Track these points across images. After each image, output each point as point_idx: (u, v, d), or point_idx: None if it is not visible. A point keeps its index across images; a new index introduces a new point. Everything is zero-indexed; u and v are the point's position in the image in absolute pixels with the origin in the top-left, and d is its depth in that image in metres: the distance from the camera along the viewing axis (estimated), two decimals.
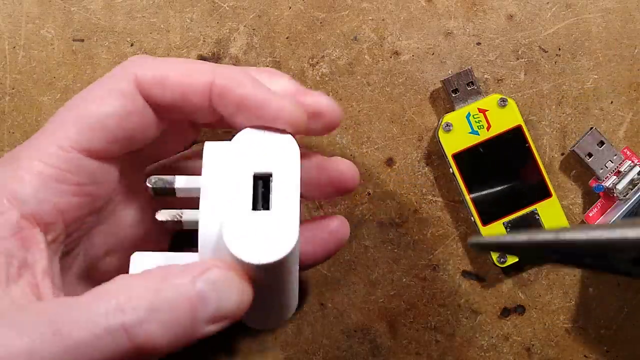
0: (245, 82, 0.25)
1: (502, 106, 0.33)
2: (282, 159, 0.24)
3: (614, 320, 0.35)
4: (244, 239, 0.23)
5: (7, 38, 0.34)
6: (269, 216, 0.23)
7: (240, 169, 0.24)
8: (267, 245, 0.23)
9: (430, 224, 0.35)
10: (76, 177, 0.24)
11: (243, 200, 0.24)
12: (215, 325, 0.23)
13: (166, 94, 0.25)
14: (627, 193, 0.33)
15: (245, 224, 0.23)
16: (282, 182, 0.24)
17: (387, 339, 0.35)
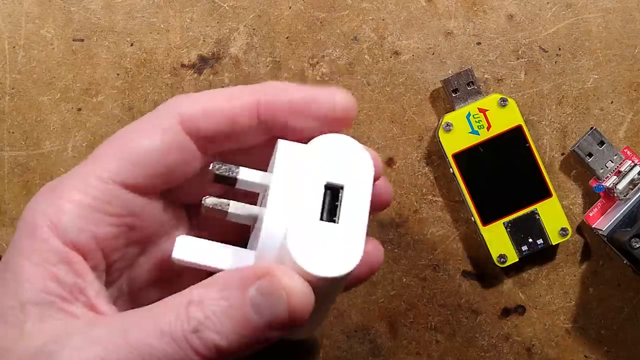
0: (288, 88, 0.25)
1: (502, 106, 0.33)
2: (356, 172, 0.24)
3: (614, 320, 0.35)
4: (308, 249, 0.22)
5: (7, 38, 0.34)
6: (336, 229, 0.23)
7: (312, 175, 0.24)
8: (332, 258, 0.22)
9: (430, 224, 0.35)
10: (114, 208, 0.25)
11: (311, 209, 0.23)
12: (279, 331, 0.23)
13: (212, 122, 0.25)
14: (627, 193, 0.33)
15: (311, 233, 0.23)
16: (352, 195, 0.23)
17: (387, 339, 0.35)
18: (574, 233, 0.35)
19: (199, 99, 0.26)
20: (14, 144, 0.34)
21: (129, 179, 0.25)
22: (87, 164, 0.25)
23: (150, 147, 0.25)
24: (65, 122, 0.34)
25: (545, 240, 0.34)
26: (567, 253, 0.35)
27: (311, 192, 0.23)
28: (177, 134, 0.25)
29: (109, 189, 0.25)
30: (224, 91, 0.26)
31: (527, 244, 0.34)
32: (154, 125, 0.25)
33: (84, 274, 0.24)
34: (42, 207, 0.24)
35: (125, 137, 0.25)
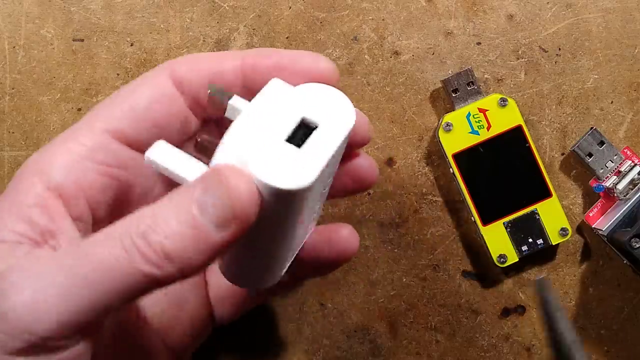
0: (271, 52, 0.26)
1: (502, 106, 0.33)
2: (334, 117, 0.24)
3: (614, 320, 0.35)
4: (264, 159, 0.22)
5: (7, 38, 0.34)
6: (297, 152, 0.23)
7: (291, 109, 0.24)
8: (284, 173, 0.22)
9: (430, 224, 0.35)
10: (102, 156, 0.25)
11: (279, 132, 0.23)
12: (226, 230, 0.22)
13: (199, 77, 0.26)
14: (627, 193, 0.33)
15: (271, 148, 0.23)
16: (324, 135, 0.24)
17: (387, 339, 0.35)
18: (574, 233, 0.35)
19: (189, 59, 0.27)
20: (14, 144, 0.34)
21: (118, 127, 0.25)
22: (83, 119, 0.26)
23: (138, 97, 0.26)
24: (65, 122, 0.34)
25: (545, 240, 0.34)
26: (567, 253, 0.35)
27: (284, 120, 0.24)
28: (165, 86, 0.26)
29: (99, 139, 0.25)
30: (213, 53, 0.27)
31: (527, 244, 0.34)
32: (145, 80, 0.26)
33: (58, 218, 0.24)
34: (36, 156, 0.25)
35: (120, 92, 0.26)
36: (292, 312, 0.35)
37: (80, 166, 0.25)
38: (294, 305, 0.35)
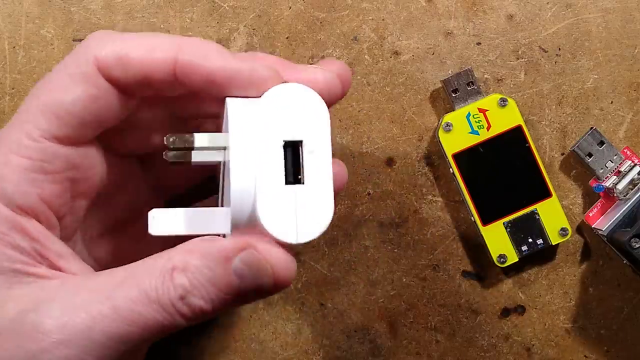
0: (210, 54, 0.25)
1: (502, 106, 0.33)
2: (311, 122, 0.23)
3: (614, 320, 0.35)
4: (279, 217, 0.23)
5: (7, 38, 0.34)
6: (303, 190, 0.23)
7: (269, 133, 0.23)
8: (303, 223, 0.23)
9: (430, 224, 0.35)
10: (52, 165, 0.25)
11: (275, 171, 0.23)
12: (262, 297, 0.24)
13: (128, 73, 0.25)
14: (627, 193, 0.33)
15: (279, 199, 0.23)
16: (313, 149, 0.23)
17: (387, 339, 0.35)
18: (574, 233, 0.35)
19: (117, 44, 0.25)
20: None
21: (59, 132, 0.25)
22: (14, 124, 0.25)
23: (74, 99, 0.25)
24: None
25: (545, 240, 0.34)
26: (567, 253, 0.35)
27: (271, 152, 0.23)
28: (97, 81, 0.25)
29: (42, 146, 0.24)
30: (144, 39, 0.25)
31: (527, 244, 0.34)
32: (74, 74, 0.25)
33: (40, 237, 0.24)
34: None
35: (47, 90, 0.25)
36: (292, 312, 0.35)
37: (35, 180, 0.24)
38: (294, 305, 0.35)
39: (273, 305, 0.35)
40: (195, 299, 0.23)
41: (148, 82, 0.25)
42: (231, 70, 0.24)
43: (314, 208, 0.23)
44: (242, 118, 0.24)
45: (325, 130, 0.24)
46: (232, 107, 0.24)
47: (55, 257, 0.25)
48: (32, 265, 0.24)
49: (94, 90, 0.25)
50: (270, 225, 0.23)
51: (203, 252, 0.23)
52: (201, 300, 0.23)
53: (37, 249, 0.24)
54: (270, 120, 0.23)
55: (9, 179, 0.24)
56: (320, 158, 0.23)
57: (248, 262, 0.23)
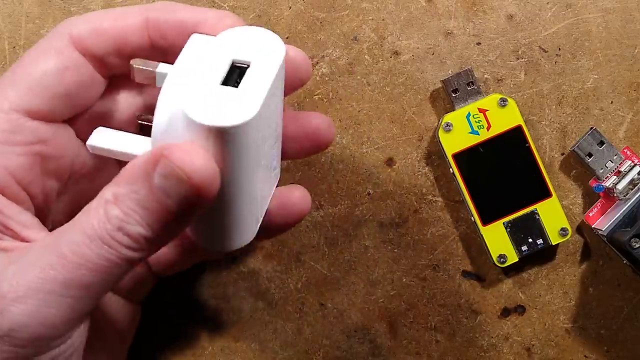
0: (177, 7, 0.26)
1: (502, 106, 0.33)
2: (265, 53, 0.24)
3: (614, 320, 0.35)
4: (203, 104, 0.22)
5: (7, 38, 0.34)
6: (235, 91, 0.23)
7: (219, 55, 0.23)
8: (227, 111, 0.22)
9: (430, 224, 0.35)
10: (20, 136, 0.25)
11: (212, 77, 0.23)
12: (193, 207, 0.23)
13: (103, 41, 0.25)
14: (627, 193, 0.33)
15: (208, 93, 0.22)
16: (259, 71, 0.23)
17: (387, 339, 0.35)
18: (574, 233, 0.35)
19: (89, 18, 0.26)
20: None
21: (30, 105, 0.25)
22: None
23: (45, 69, 0.25)
24: None
25: (545, 240, 0.34)
26: (567, 253, 0.35)
27: (215, 66, 0.23)
28: (70, 54, 0.25)
29: (11, 118, 0.25)
30: (114, 10, 0.26)
31: (527, 244, 0.34)
32: (46, 48, 0.25)
33: (3, 208, 0.24)
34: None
35: (20, 65, 0.25)
36: (292, 312, 0.35)
37: (1, 152, 0.25)
38: (294, 305, 0.35)
39: (273, 305, 0.35)
40: (132, 227, 0.22)
41: (123, 47, 0.25)
42: (200, 16, 0.25)
43: (241, 102, 0.22)
44: (197, 46, 0.24)
45: (277, 58, 0.24)
46: (192, 38, 0.25)
47: (20, 227, 0.25)
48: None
49: (66, 61, 0.25)
50: (191, 109, 0.21)
51: (128, 176, 0.23)
52: (138, 226, 0.22)
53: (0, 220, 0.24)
54: (224, 46, 0.24)
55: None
56: (263, 76, 0.23)
57: (164, 172, 0.22)
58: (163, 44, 0.26)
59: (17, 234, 0.25)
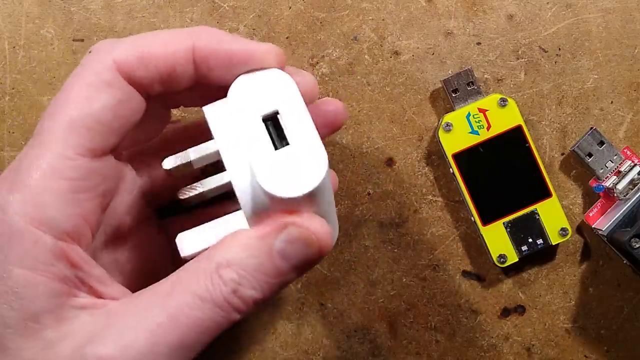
0: (225, 37, 0.25)
1: (502, 106, 0.33)
2: (281, 93, 0.24)
3: (614, 320, 0.35)
4: (276, 177, 0.23)
5: (7, 38, 0.34)
6: (292, 149, 0.23)
7: (247, 117, 0.24)
8: (301, 175, 0.23)
9: (430, 224, 0.35)
10: (89, 181, 0.24)
11: (263, 145, 0.24)
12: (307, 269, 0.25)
13: (150, 70, 0.25)
14: (627, 193, 0.33)
15: (273, 163, 0.23)
16: (290, 114, 0.24)
17: (387, 339, 0.35)
18: (574, 233, 0.35)
19: (133, 44, 0.25)
20: (14, 144, 0.34)
21: (93, 145, 0.24)
22: (41, 147, 0.24)
23: (101, 106, 0.24)
24: None
25: (545, 240, 0.34)
26: (567, 253, 0.35)
27: (254, 132, 0.24)
28: (121, 85, 0.24)
29: (77, 164, 0.24)
30: (159, 36, 0.25)
31: (527, 244, 0.34)
32: (95, 82, 0.24)
33: (81, 263, 0.24)
34: (16, 207, 0.23)
35: (71, 105, 0.24)
36: (292, 312, 0.35)
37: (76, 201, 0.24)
38: (294, 305, 0.35)
39: (273, 305, 0.35)
40: (247, 290, 0.23)
41: (169, 75, 0.25)
42: (248, 50, 0.25)
43: (308, 160, 0.23)
44: (220, 118, 0.25)
45: (295, 93, 0.24)
46: (209, 112, 0.25)
47: (96, 283, 0.24)
48: (75, 295, 0.23)
49: (119, 94, 0.24)
50: (274, 187, 0.23)
51: (242, 244, 0.23)
52: (252, 290, 0.23)
53: (79, 276, 0.24)
54: (243, 105, 0.24)
55: (51, 204, 0.23)
56: (299, 118, 0.24)
57: (290, 240, 0.23)
58: (206, 74, 0.25)
59: (94, 289, 0.24)
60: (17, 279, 0.22)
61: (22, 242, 0.23)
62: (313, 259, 0.24)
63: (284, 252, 0.23)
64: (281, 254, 0.23)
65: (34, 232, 0.23)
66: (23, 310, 0.22)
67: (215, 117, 0.25)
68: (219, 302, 0.23)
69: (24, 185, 0.23)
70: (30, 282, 0.22)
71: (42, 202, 0.23)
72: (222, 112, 0.25)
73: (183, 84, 0.26)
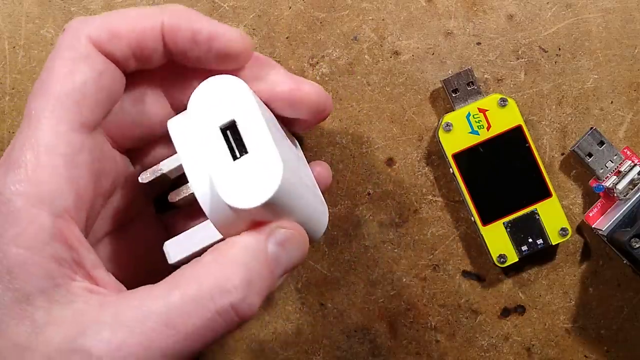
0: (194, 17, 0.26)
1: (502, 106, 0.33)
2: (237, 101, 0.25)
3: (614, 320, 0.35)
4: (235, 188, 0.23)
5: (7, 38, 0.34)
6: (250, 158, 0.24)
7: (205, 128, 0.24)
8: (257, 184, 0.23)
9: (430, 224, 0.35)
10: (81, 156, 0.24)
11: (222, 156, 0.24)
12: (285, 276, 0.25)
13: (122, 46, 0.25)
14: (627, 193, 0.33)
15: (232, 174, 0.23)
16: (247, 122, 0.24)
17: (387, 339, 0.35)
18: (574, 233, 0.35)
19: (105, 20, 0.25)
20: None
21: (82, 118, 0.24)
22: (32, 122, 0.24)
23: (84, 79, 0.24)
24: None
25: (545, 240, 0.34)
26: (567, 253, 0.35)
27: (213, 143, 0.24)
28: (98, 58, 0.25)
29: (69, 139, 0.24)
30: (129, 12, 0.26)
31: (527, 244, 0.34)
32: (74, 57, 0.24)
33: (77, 244, 0.23)
34: (12, 187, 0.23)
35: (55, 82, 0.24)
36: (292, 312, 0.35)
37: (72, 178, 0.23)
38: (294, 305, 0.35)
39: (273, 305, 0.35)
40: (252, 298, 0.23)
41: (140, 51, 0.25)
42: (214, 30, 0.26)
43: (264, 166, 0.24)
44: (181, 130, 0.26)
45: (251, 101, 0.25)
46: (171, 126, 0.26)
47: (91, 266, 0.24)
48: (71, 278, 0.23)
49: (98, 66, 0.25)
50: (232, 199, 0.23)
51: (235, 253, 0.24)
52: (257, 296, 0.23)
53: (74, 258, 0.23)
54: (201, 117, 0.25)
55: (47, 181, 0.23)
56: (255, 126, 0.24)
57: (280, 241, 0.24)
58: (174, 50, 0.26)
59: (88, 273, 0.24)
60: (12, 259, 0.22)
61: (18, 222, 0.22)
62: (301, 261, 0.25)
63: (277, 257, 0.24)
64: (275, 259, 0.24)
65: (31, 211, 0.22)
66: (17, 290, 0.22)
67: (177, 130, 0.26)
68: (222, 310, 0.22)
69: (18, 164, 0.23)
70: (26, 262, 0.22)
71: (38, 180, 0.23)
72: (183, 124, 0.26)
73: (156, 60, 0.26)
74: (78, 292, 0.23)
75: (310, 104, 0.28)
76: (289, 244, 0.24)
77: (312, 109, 0.28)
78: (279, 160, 0.23)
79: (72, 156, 0.24)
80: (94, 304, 0.22)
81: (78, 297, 0.23)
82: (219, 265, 0.23)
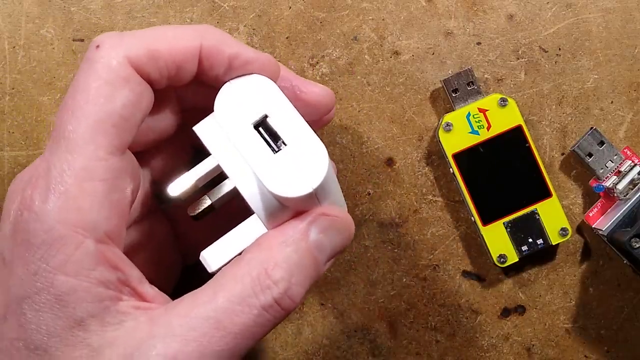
0: (231, 41, 0.26)
1: (502, 106, 0.33)
2: (265, 97, 0.25)
3: (614, 320, 0.35)
4: (282, 179, 0.24)
5: (7, 38, 0.34)
6: (290, 149, 0.24)
7: (238, 127, 0.25)
8: (305, 171, 0.24)
9: (430, 224, 0.35)
10: (120, 180, 0.24)
11: (261, 151, 0.24)
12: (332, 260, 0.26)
13: (160, 66, 0.25)
14: (627, 193, 0.33)
15: (276, 167, 0.24)
16: (279, 115, 0.25)
17: (387, 339, 0.35)
18: (574, 233, 0.35)
19: (143, 39, 0.25)
20: (14, 144, 0.34)
21: (120, 142, 0.24)
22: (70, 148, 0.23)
23: (122, 102, 0.24)
24: None
25: (545, 240, 0.34)
26: (567, 253, 0.35)
27: (249, 140, 0.25)
28: (138, 81, 0.24)
29: (109, 164, 0.23)
30: (167, 31, 0.25)
31: (527, 244, 0.34)
32: (112, 77, 0.24)
33: (121, 264, 0.24)
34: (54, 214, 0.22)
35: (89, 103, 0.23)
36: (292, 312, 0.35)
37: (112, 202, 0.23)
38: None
39: None
40: (297, 287, 0.24)
41: (176, 72, 0.25)
42: (249, 57, 0.26)
43: (308, 153, 0.24)
44: (212, 134, 0.26)
45: (279, 94, 0.25)
46: (200, 132, 0.26)
47: (137, 283, 0.24)
48: (118, 299, 0.23)
49: (137, 89, 0.24)
50: (283, 189, 0.24)
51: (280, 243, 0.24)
52: (301, 287, 0.24)
53: (120, 278, 0.23)
54: (231, 117, 0.25)
55: (89, 208, 0.23)
56: (288, 117, 0.25)
57: (323, 228, 0.24)
58: (207, 72, 0.26)
59: (135, 289, 0.24)
60: (61, 287, 0.22)
61: (63, 249, 0.22)
62: (345, 244, 0.25)
63: (320, 243, 0.24)
64: (317, 246, 0.24)
65: (75, 237, 0.22)
66: (68, 317, 0.22)
67: (207, 134, 0.26)
68: (267, 305, 0.23)
69: (59, 191, 0.23)
70: (75, 289, 0.22)
71: (81, 207, 0.23)
72: (212, 127, 0.26)
73: (185, 80, 0.26)
74: (127, 310, 0.23)
75: (319, 106, 0.28)
76: (330, 229, 0.25)
77: (321, 111, 0.28)
78: (321, 146, 0.24)
79: (112, 180, 0.24)
80: (144, 320, 0.23)
81: (127, 316, 0.23)
82: (259, 261, 0.23)
